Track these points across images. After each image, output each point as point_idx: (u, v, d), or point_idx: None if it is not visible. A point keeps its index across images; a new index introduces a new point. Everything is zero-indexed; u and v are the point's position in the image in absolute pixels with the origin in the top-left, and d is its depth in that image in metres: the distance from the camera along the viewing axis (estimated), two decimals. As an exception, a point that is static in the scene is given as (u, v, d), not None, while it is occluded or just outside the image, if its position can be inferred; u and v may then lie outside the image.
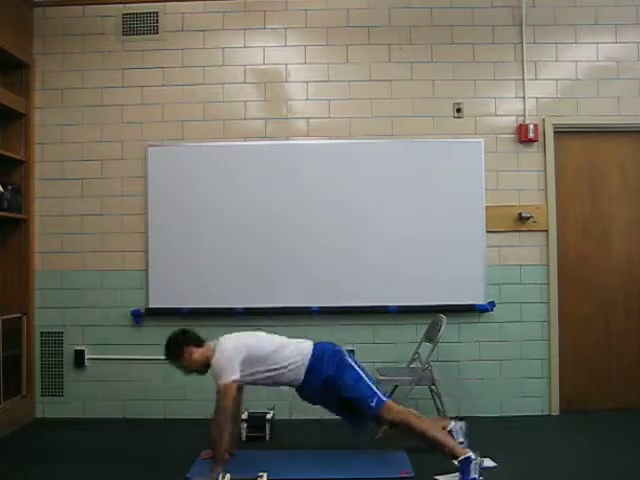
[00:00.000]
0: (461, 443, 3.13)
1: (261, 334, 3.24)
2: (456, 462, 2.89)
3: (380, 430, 3.39)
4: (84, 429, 3.87)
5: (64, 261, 4.17)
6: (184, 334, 3.17)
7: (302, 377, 3.10)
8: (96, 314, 4.14)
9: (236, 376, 2.96)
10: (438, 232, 4.05)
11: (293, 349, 3.13)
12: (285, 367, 3.09)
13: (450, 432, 3.18)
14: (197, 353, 3.11)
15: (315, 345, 3.17)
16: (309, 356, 3.11)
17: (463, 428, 3.21)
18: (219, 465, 2.83)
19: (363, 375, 3.11)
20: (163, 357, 3.19)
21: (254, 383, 3.14)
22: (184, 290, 4.08)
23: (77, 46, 4.22)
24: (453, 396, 3.97)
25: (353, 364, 3.13)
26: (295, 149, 4.13)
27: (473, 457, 2.88)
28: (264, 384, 3.18)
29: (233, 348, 3.03)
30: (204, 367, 3.12)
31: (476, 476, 2.87)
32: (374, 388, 3.08)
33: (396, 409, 3.05)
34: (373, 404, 3.02)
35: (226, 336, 3.15)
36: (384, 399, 3.06)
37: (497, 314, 4.07)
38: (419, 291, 4.02)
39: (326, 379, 3.07)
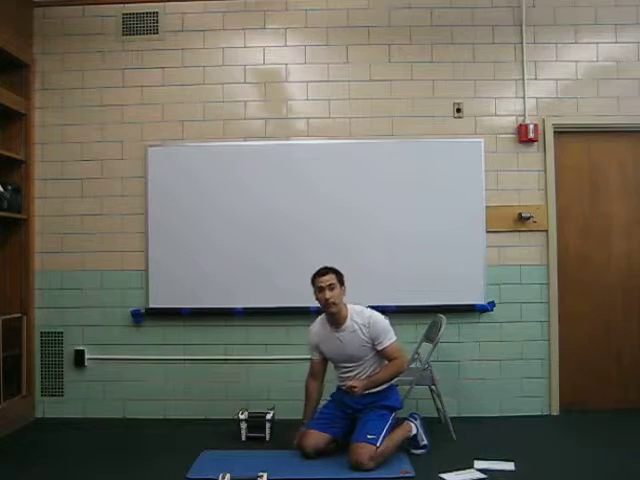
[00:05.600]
0: (425, 445, 3.29)
1: None
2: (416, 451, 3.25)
3: None
4: (84, 429, 3.87)
5: (64, 261, 4.16)
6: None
7: (372, 390, 3.23)
8: (96, 314, 4.14)
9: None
10: (438, 232, 4.05)
11: None
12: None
13: (416, 437, 3.29)
14: (344, 297, 3.27)
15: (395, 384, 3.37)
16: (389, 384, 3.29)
17: (421, 424, 3.35)
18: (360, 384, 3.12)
19: (387, 425, 3.17)
20: (319, 273, 3.29)
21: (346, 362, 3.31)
22: (184, 290, 4.07)
23: (77, 46, 4.22)
24: (453, 396, 3.97)
25: (391, 417, 3.22)
26: (295, 149, 4.12)
27: (414, 431, 3.28)
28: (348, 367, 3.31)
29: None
30: (339, 309, 3.23)
31: (425, 442, 3.28)
32: (382, 433, 3.10)
33: (379, 454, 3.05)
34: (370, 439, 3.04)
35: (362, 307, 3.32)
36: (377, 445, 3.05)
37: (497, 314, 4.07)
38: (419, 291, 4.01)
39: (369, 406, 3.22)
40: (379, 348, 3.20)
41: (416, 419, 3.35)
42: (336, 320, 3.25)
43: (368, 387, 3.17)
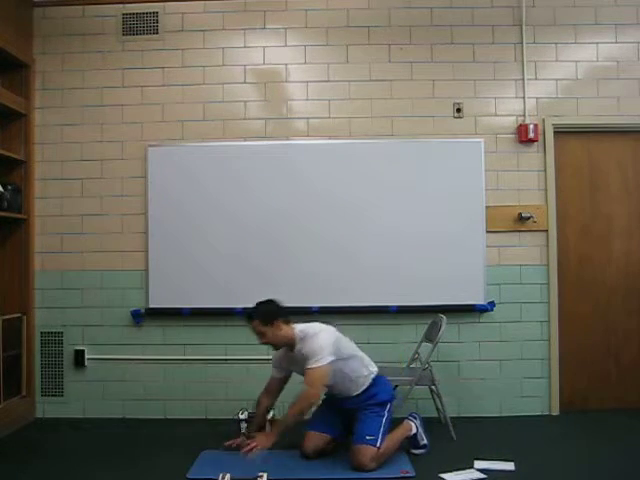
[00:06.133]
0: (425, 445, 3.28)
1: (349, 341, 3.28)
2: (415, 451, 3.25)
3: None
4: (84, 429, 3.87)
5: (64, 261, 4.16)
6: (279, 306, 3.17)
7: (349, 395, 3.19)
8: (96, 314, 4.14)
9: (332, 358, 2.99)
10: (438, 232, 4.05)
11: (366, 368, 3.22)
12: (354, 376, 3.16)
13: (416, 436, 3.28)
14: (283, 330, 3.12)
15: (378, 376, 3.25)
16: (370, 381, 3.21)
17: (420, 423, 3.33)
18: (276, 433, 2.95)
19: (384, 423, 3.12)
20: (245, 319, 3.20)
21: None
22: (184, 290, 4.07)
23: (77, 46, 4.22)
24: (453, 396, 3.97)
25: (386, 412, 3.17)
26: (295, 149, 4.12)
27: (414, 430, 3.27)
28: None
29: (330, 333, 3.09)
30: (282, 345, 3.15)
31: (425, 442, 3.27)
32: (379, 434, 3.07)
33: (379, 455, 3.04)
34: (368, 440, 3.03)
35: (315, 324, 3.18)
36: (377, 446, 3.03)
37: (497, 314, 4.07)
38: (419, 291, 4.02)
39: (361, 407, 3.16)
40: (305, 368, 3.04)
41: (416, 418, 3.35)
42: (285, 346, 3.20)
43: (280, 432, 2.97)
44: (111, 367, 4.12)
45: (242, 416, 3.54)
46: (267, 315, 3.11)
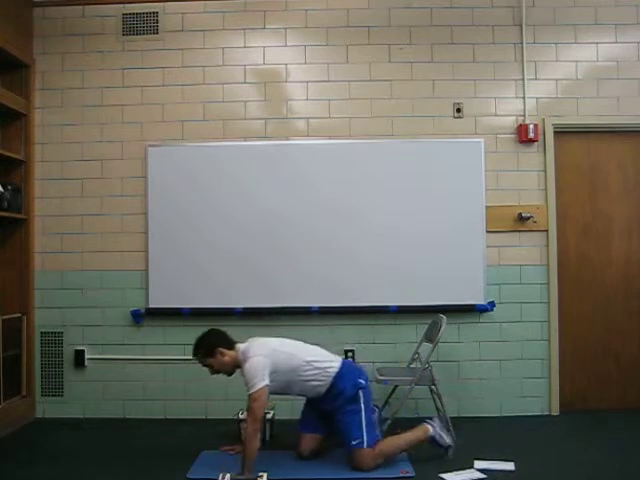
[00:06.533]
0: (449, 446, 3.16)
1: (290, 342, 3.24)
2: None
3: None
4: (84, 429, 3.87)
5: (64, 261, 4.16)
6: (217, 335, 3.18)
7: (318, 396, 3.18)
8: (96, 314, 4.14)
9: (266, 382, 2.96)
10: (438, 232, 4.05)
11: (320, 368, 3.15)
12: (308, 382, 3.13)
13: (433, 438, 3.15)
14: (227, 356, 3.12)
15: (340, 369, 3.17)
16: (331, 379, 3.14)
17: (439, 426, 3.20)
18: (247, 471, 2.81)
19: (363, 415, 3.09)
20: (191, 356, 3.22)
21: (276, 392, 3.15)
22: (184, 290, 4.07)
23: (77, 46, 4.22)
24: (453, 396, 3.97)
25: (361, 403, 3.12)
26: (295, 149, 4.12)
27: (431, 432, 3.13)
28: (283, 393, 3.21)
29: (264, 355, 3.04)
30: (232, 369, 3.15)
31: (448, 442, 3.14)
32: (363, 431, 3.05)
33: (375, 455, 3.03)
34: (354, 443, 3.02)
35: (256, 341, 3.16)
36: (364, 445, 3.02)
37: (497, 314, 4.07)
38: (419, 291, 4.02)
39: (336, 408, 3.13)
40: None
41: (434, 420, 3.24)
42: (233, 370, 3.19)
43: (250, 468, 2.82)
44: (111, 367, 4.12)
45: (242, 416, 3.54)
46: (207, 347, 3.13)
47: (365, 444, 3.03)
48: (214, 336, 3.19)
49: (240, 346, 3.16)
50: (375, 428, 3.16)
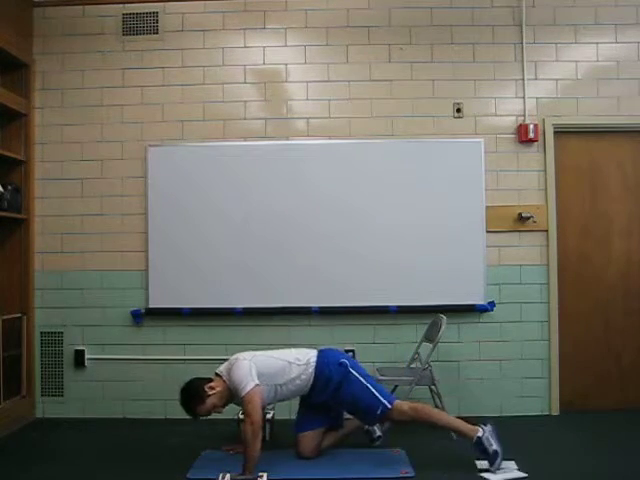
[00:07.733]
0: (495, 452, 2.96)
1: (269, 352, 3.23)
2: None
3: (384, 426, 3.41)
4: (84, 429, 3.87)
5: (64, 261, 4.16)
6: (192, 382, 3.11)
7: (307, 391, 3.19)
8: (96, 314, 4.14)
9: (256, 382, 2.97)
10: (438, 232, 4.05)
11: (302, 365, 3.15)
12: (294, 380, 3.14)
13: (480, 441, 2.98)
14: (216, 385, 3.07)
15: (318, 359, 3.18)
16: (314, 370, 3.14)
17: (490, 432, 3.02)
18: (247, 473, 2.80)
19: (367, 384, 3.12)
20: (184, 411, 3.11)
21: (269, 402, 3.17)
22: (184, 290, 4.08)
23: (77, 46, 4.22)
24: (453, 396, 3.97)
25: (356, 375, 3.14)
26: (295, 149, 4.12)
27: (480, 434, 2.98)
28: (275, 402, 3.23)
29: (247, 359, 3.06)
30: (230, 392, 3.07)
31: (496, 447, 2.96)
32: (378, 396, 3.08)
33: (403, 410, 3.06)
34: (379, 412, 3.06)
35: (231, 359, 3.15)
36: (389, 406, 3.06)
37: (497, 314, 4.07)
38: (419, 291, 4.02)
39: (332, 396, 3.15)
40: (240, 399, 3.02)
41: (486, 425, 3.07)
42: (231, 393, 3.14)
43: (252, 469, 2.81)
44: (111, 367, 4.12)
45: (242, 416, 3.53)
46: (196, 395, 3.05)
47: (389, 405, 3.05)
48: (191, 384, 3.10)
49: (219, 370, 3.15)
50: (383, 387, 3.16)
